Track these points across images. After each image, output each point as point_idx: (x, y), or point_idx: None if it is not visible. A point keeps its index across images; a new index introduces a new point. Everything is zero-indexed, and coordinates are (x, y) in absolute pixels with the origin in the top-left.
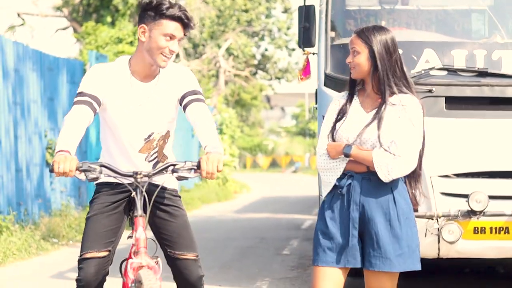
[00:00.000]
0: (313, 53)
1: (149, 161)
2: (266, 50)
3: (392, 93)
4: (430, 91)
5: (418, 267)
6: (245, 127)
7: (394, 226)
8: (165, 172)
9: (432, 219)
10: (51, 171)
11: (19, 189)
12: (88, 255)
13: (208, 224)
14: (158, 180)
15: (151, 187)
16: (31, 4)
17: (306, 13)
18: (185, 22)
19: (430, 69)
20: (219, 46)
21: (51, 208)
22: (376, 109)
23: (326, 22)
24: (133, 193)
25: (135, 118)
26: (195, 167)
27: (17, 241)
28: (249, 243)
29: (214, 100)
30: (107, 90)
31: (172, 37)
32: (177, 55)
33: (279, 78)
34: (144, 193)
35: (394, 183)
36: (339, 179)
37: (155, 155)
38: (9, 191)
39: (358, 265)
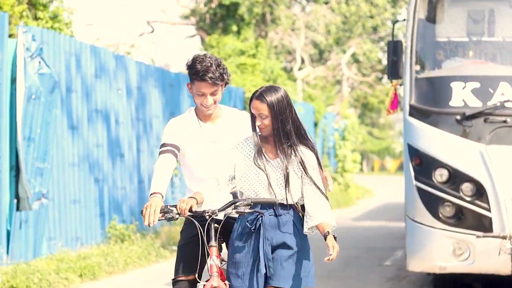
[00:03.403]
0: (400, 84)
1: None
2: None
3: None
4: (505, 121)
5: (313, 284)
6: (374, 129)
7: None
8: (227, 208)
9: (505, 239)
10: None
11: (141, 199)
12: (180, 278)
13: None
14: (228, 212)
15: (227, 220)
16: (160, 12)
17: (394, 48)
18: (210, 82)
19: (505, 101)
20: (344, 52)
21: None
22: None
23: (411, 56)
24: (200, 228)
25: (211, 152)
26: (252, 203)
27: (137, 249)
28: (355, 252)
29: (337, 107)
30: (184, 136)
31: (203, 94)
32: (303, 61)
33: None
34: (214, 225)
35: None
36: (250, 217)
37: None
38: (131, 202)
39: None
